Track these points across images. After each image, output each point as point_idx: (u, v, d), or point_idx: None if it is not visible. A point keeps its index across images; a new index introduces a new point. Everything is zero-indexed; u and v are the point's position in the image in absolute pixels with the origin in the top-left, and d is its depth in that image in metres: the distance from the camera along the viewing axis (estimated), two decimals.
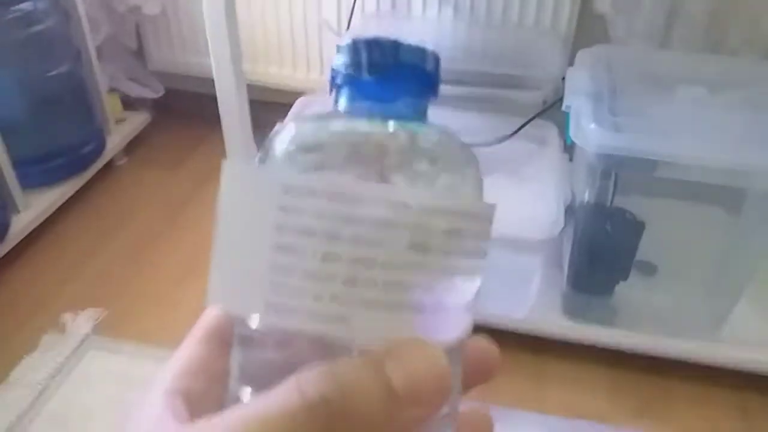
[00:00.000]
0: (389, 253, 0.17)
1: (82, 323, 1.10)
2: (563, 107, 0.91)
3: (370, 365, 0.16)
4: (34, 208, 1.25)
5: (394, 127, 0.20)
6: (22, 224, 1.21)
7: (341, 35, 1.34)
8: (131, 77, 1.56)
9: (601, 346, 1.01)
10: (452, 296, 0.19)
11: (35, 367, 1.02)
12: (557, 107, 0.94)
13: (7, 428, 0.93)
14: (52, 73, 1.28)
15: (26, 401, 0.97)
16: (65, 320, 1.10)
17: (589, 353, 1.03)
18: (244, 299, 0.18)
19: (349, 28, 1.32)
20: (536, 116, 1.01)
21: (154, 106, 1.59)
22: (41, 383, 0.99)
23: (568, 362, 1.04)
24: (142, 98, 1.57)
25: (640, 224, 0.91)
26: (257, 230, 0.17)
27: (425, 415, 0.17)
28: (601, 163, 0.86)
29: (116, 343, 1.06)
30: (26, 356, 1.04)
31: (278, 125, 0.21)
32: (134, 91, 1.55)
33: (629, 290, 0.98)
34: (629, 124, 0.83)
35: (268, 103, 1.37)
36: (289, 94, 1.36)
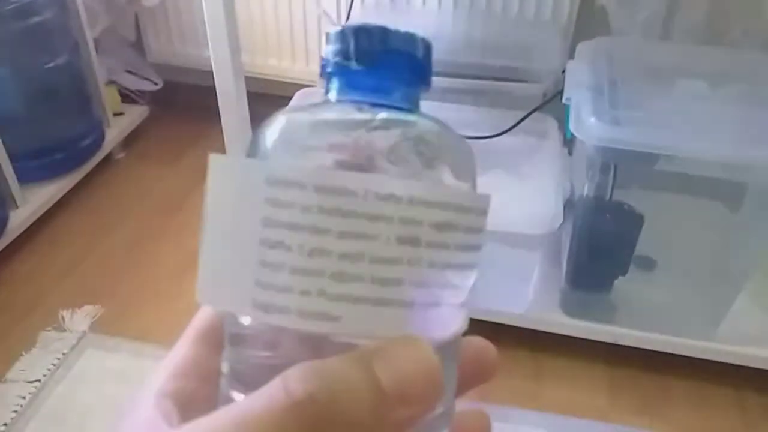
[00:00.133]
0: (378, 247, 0.17)
1: (79, 320, 1.10)
2: (563, 100, 0.90)
3: (358, 363, 0.16)
4: (31, 203, 1.25)
5: (384, 116, 0.20)
6: (19, 219, 1.21)
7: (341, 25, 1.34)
8: (130, 69, 1.56)
9: (599, 342, 1.01)
10: (445, 291, 0.18)
11: (33, 364, 1.02)
12: (557, 100, 0.94)
13: (4, 426, 0.93)
14: (49, 65, 1.27)
15: (24, 399, 0.97)
16: (63, 317, 1.10)
17: (587, 349, 1.02)
18: (231, 296, 0.17)
19: (348, 19, 1.31)
20: (536, 109, 1.00)
21: (152, 98, 1.59)
22: (39, 381, 0.99)
23: (566, 359, 1.04)
24: (140, 91, 1.56)
25: (639, 218, 0.90)
26: (244, 224, 0.17)
27: (416, 414, 0.16)
28: (600, 156, 0.85)
29: (114, 340, 1.06)
30: (24, 353, 1.04)
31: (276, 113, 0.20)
32: (133, 83, 1.55)
33: (628, 285, 0.97)
34: (629, 117, 0.83)
35: (267, 95, 1.37)
36: (288, 86, 1.36)
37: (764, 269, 0.95)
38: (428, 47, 0.21)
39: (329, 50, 0.20)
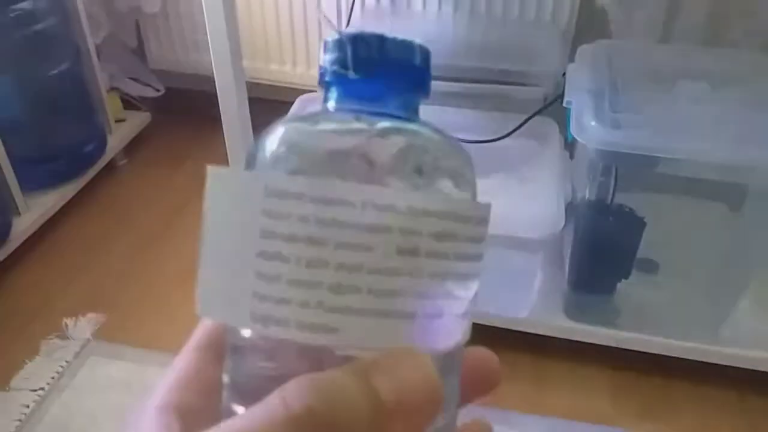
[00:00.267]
0: (377, 258, 0.17)
1: (83, 328, 1.09)
2: (564, 103, 0.90)
3: (356, 375, 0.16)
4: (34, 210, 1.25)
5: (382, 126, 0.20)
6: (22, 226, 1.21)
7: (341, 31, 1.34)
8: (131, 76, 1.56)
9: (602, 345, 1.00)
10: (446, 302, 0.18)
11: (36, 373, 1.02)
12: (558, 103, 0.94)
13: None
14: (51, 72, 1.27)
15: (28, 408, 0.96)
16: (66, 325, 1.10)
17: (590, 353, 1.02)
18: (230, 308, 0.17)
19: (349, 23, 1.31)
20: (537, 113, 1.00)
21: (154, 105, 1.59)
22: (42, 389, 0.99)
23: (569, 363, 1.04)
24: (142, 97, 1.56)
25: (641, 221, 0.90)
26: (241, 236, 0.17)
27: (416, 427, 0.16)
28: (601, 159, 0.85)
29: (118, 348, 1.06)
30: (27, 361, 1.04)
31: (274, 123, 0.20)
32: (135, 90, 1.55)
33: (631, 289, 0.97)
34: (630, 120, 0.82)
35: (268, 100, 1.37)
36: (289, 91, 1.36)
37: (766, 271, 0.95)
38: (426, 55, 0.21)
39: (327, 59, 0.20)
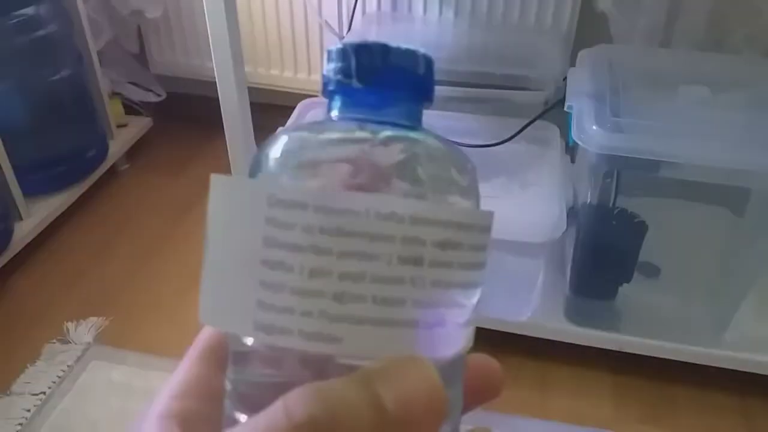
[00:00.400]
0: (380, 267, 0.17)
1: (84, 332, 1.09)
2: (565, 108, 0.90)
3: (359, 383, 0.16)
4: (36, 215, 1.25)
5: (386, 134, 0.20)
6: (24, 231, 1.21)
7: (342, 37, 1.34)
8: (133, 81, 1.56)
9: (604, 350, 1.00)
10: (449, 310, 0.18)
11: (38, 377, 1.02)
12: (559, 108, 0.94)
13: None
14: (53, 78, 1.28)
15: (29, 412, 0.96)
16: (68, 329, 1.10)
17: (591, 357, 1.02)
18: (233, 317, 0.17)
19: (350, 29, 1.31)
20: (538, 117, 1.00)
21: (156, 110, 1.59)
22: (44, 394, 0.99)
23: (570, 367, 1.04)
24: (144, 102, 1.57)
25: (643, 225, 0.90)
26: (244, 245, 0.17)
27: None
28: (603, 163, 0.85)
29: (119, 352, 1.06)
30: (29, 366, 1.03)
31: (277, 131, 0.20)
32: (136, 95, 1.55)
33: (632, 293, 0.97)
34: (631, 124, 0.83)
35: (270, 105, 1.37)
36: (291, 96, 1.36)
37: None
38: (430, 63, 0.21)
39: (330, 68, 0.20)
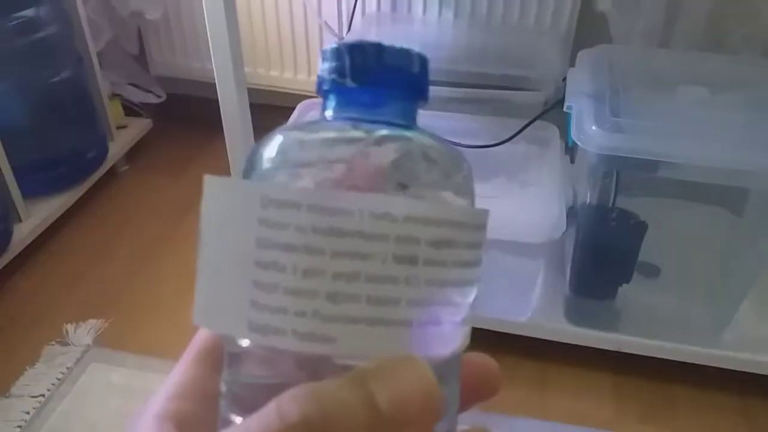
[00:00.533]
0: (374, 266, 0.17)
1: (84, 334, 1.09)
2: (564, 108, 0.90)
3: (353, 383, 0.16)
4: (35, 216, 1.25)
5: (380, 134, 0.20)
6: (23, 233, 1.21)
7: (342, 37, 1.34)
8: (133, 83, 1.57)
9: (603, 350, 1.00)
10: (444, 309, 0.18)
11: (37, 379, 1.02)
12: (558, 108, 0.94)
13: None
14: (53, 79, 1.27)
15: (28, 414, 0.96)
16: (67, 331, 1.10)
17: (591, 358, 1.02)
18: (227, 318, 0.17)
19: (350, 29, 1.32)
20: (537, 118, 1.00)
21: (155, 111, 1.59)
22: (43, 396, 0.99)
23: (570, 367, 1.04)
24: (143, 104, 1.57)
25: (642, 225, 0.90)
26: (238, 246, 0.17)
27: None
28: (602, 164, 0.85)
29: (119, 354, 1.06)
30: (28, 368, 1.03)
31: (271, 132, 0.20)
32: (136, 96, 1.55)
33: (632, 293, 0.97)
34: (631, 124, 0.82)
35: (269, 106, 1.37)
36: (290, 97, 1.36)
37: None
38: (424, 62, 0.21)
39: (325, 68, 0.20)
